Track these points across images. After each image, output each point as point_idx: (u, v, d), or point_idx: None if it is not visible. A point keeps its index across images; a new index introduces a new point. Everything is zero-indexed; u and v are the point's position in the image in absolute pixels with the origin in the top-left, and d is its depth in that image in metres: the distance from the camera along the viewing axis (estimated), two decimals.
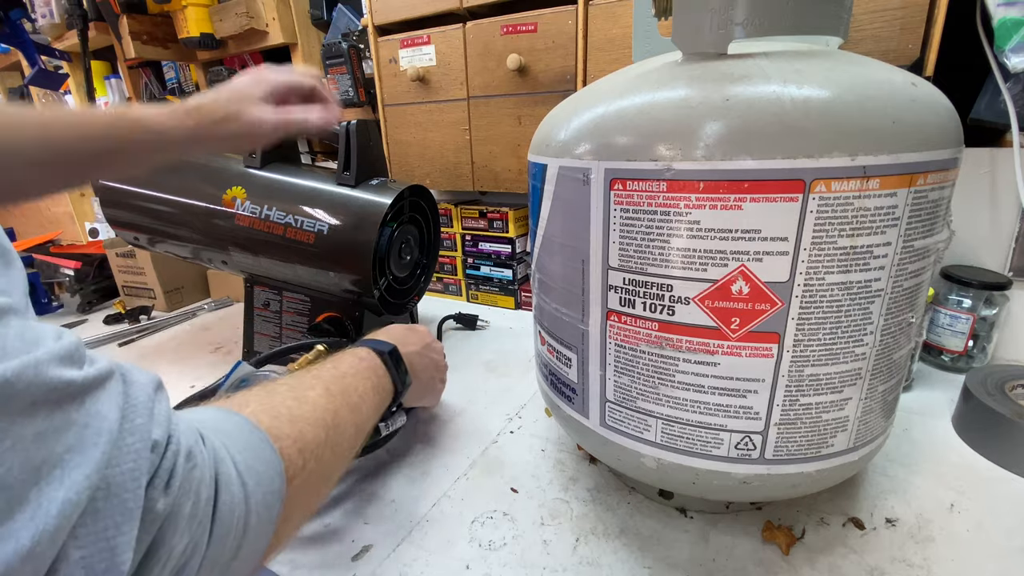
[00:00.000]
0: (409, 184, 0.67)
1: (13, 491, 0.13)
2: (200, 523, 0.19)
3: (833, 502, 0.43)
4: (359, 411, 0.35)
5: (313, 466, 0.27)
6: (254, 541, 0.23)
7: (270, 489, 0.24)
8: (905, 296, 0.32)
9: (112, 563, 0.16)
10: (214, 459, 0.21)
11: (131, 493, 0.16)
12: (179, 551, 0.18)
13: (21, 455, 0.14)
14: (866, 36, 0.52)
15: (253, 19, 1.00)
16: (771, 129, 0.27)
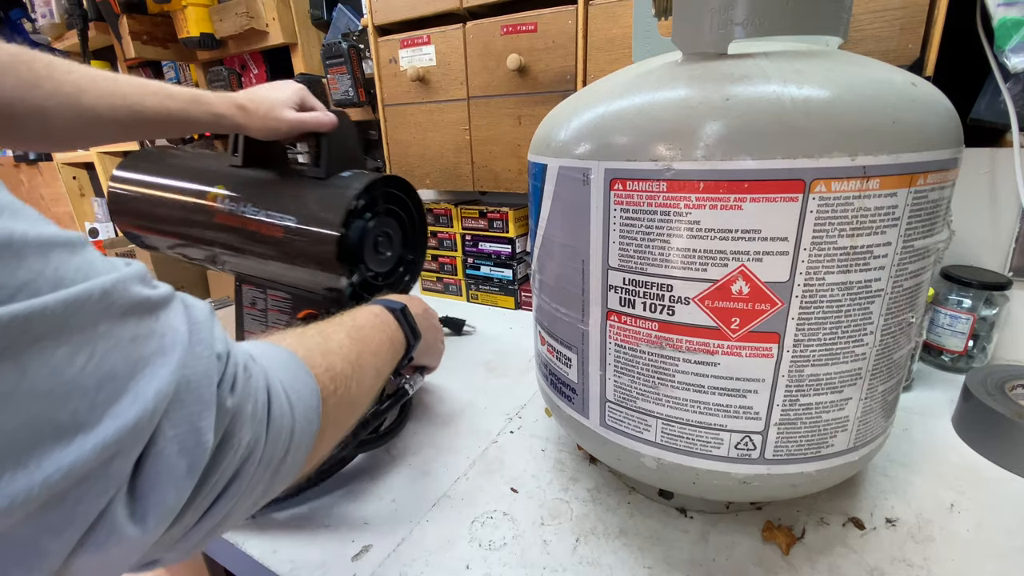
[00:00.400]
0: (383, 174, 0.67)
1: (117, 382, 0.17)
2: (259, 422, 0.23)
3: (833, 502, 0.43)
4: (378, 356, 0.39)
5: (342, 393, 0.32)
6: (297, 449, 0.26)
7: (309, 405, 0.27)
8: (905, 296, 0.32)
9: (198, 441, 0.19)
10: (265, 376, 0.24)
11: (206, 389, 0.20)
12: (245, 443, 0.22)
13: (122, 353, 0.17)
14: (866, 36, 0.52)
15: (253, 19, 1.00)
16: (771, 129, 0.27)
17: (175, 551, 0.22)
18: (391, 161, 0.91)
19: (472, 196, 1.02)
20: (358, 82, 0.93)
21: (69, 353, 0.15)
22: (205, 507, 0.21)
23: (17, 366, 0.14)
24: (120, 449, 0.16)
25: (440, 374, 0.69)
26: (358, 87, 0.93)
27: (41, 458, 0.15)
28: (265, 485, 0.25)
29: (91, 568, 0.17)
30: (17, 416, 0.14)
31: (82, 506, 0.16)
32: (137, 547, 0.18)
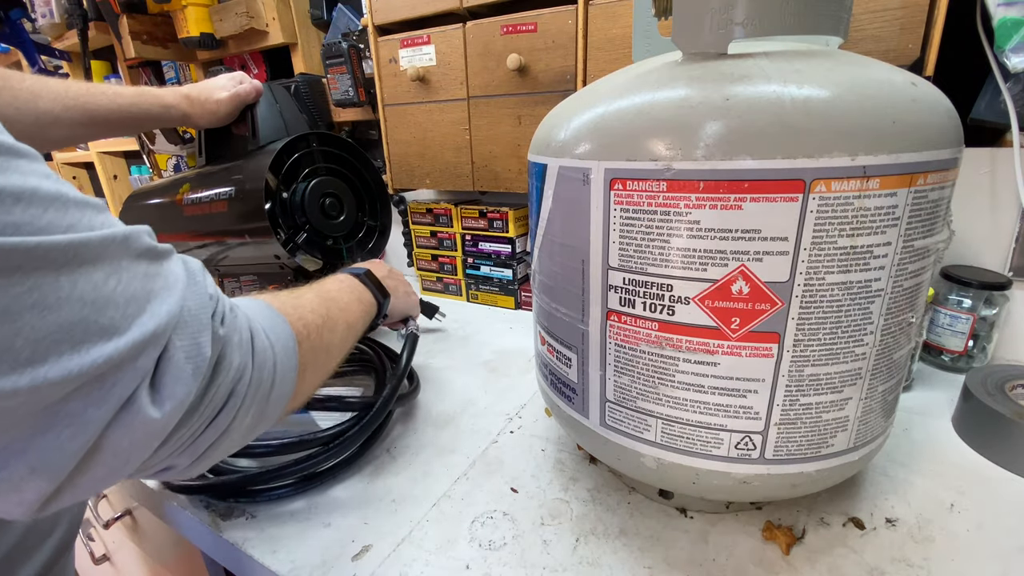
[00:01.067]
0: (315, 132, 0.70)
1: (139, 303, 0.22)
2: (245, 351, 0.27)
3: (833, 502, 0.43)
4: (347, 312, 0.44)
5: (315, 339, 0.36)
6: (282, 382, 0.31)
7: (286, 346, 0.32)
8: (905, 296, 0.32)
9: (199, 352, 0.24)
10: (247, 318, 0.29)
11: (203, 315, 0.25)
12: (235, 365, 0.26)
13: (140, 284, 0.22)
14: (866, 36, 0.52)
15: (253, 19, 1.00)
16: (771, 129, 0.27)
17: (186, 455, 0.26)
18: (391, 161, 0.91)
19: (472, 196, 1.02)
20: (358, 82, 0.93)
21: (104, 276, 0.21)
22: (209, 416, 0.26)
23: (71, 279, 0.20)
24: (144, 349, 0.22)
25: (440, 374, 0.69)
26: (358, 87, 0.93)
27: (91, 347, 0.20)
28: (258, 410, 0.29)
29: (121, 443, 0.22)
30: (73, 314, 0.19)
31: (117, 388, 0.21)
32: (157, 431, 0.23)
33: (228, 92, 0.69)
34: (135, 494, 0.54)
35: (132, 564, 0.81)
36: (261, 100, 0.71)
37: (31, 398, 0.19)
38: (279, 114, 0.72)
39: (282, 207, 0.65)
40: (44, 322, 0.19)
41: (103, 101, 0.59)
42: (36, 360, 0.18)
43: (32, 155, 0.21)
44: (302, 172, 0.68)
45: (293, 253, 0.66)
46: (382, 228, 0.79)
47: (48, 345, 0.19)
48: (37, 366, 0.18)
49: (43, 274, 0.19)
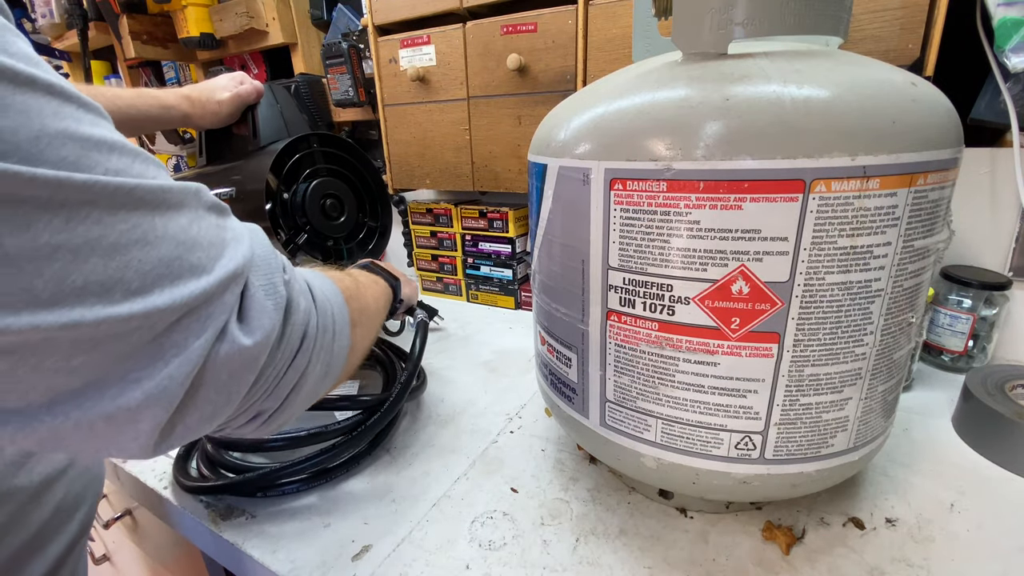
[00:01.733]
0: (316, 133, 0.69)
1: (218, 247, 0.24)
2: (308, 297, 0.30)
3: (833, 502, 0.43)
4: (371, 288, 0.46)
5: (357, 300, 0.38)
6: (341, 334, 0.33)
7: (339, 300, 0.34)
8: (905, 296, 0.32)
9: (276, 290, 0.26)
10: (300, 273, 0.31)
11: (273, 260, 0.27)
12: (303, 308, 0.29)
13: (216, 231, 0.24)
14: (866, 36, 0.52)
15: (253, 19, 1.00)
16: (771, 129, 0.27)
17: (272, 397, 0.28)
18: (391, 161, 0.91)
19: (472, 196, 1.02)
20: (358, 82, 0.93)
21: (188, 221, 0.23)
22: (290, 355, 0.28)
23: (163, 220, 0.22)
24: (228, 285, 0.24)
25: (441, 374, 0.69)
26: (358, 87, 0.93)
27: (187, 281, 0.22)
28: (326, 357, 0.31)
29: (221, 376, 0.24)
30: (169, 251, 0.21)
31: (212, 320, 0.23)
32: (250, 360, 0.25)
33: (229, 93, 0.69)
34: (135, 494, 0.54)
35: (132, 564, 0.81)
36: (262, 101, 0.71)
37: (144, 324, 0.20)
38: (280, 114, 0.72)
39: (283, 208, 0.65)
40: (148, 256, 0.21)
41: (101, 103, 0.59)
42: (145, 290, 0.20)
43: (109, 117, 0.23)
44: (303, 173, 0.68)
45: (294, 254, 0.66)
46: (382, 229, 0.79)
47: (154, 278, 0.21)
48: (147, 295, 0.20)
49: (142, 214, 0.21)
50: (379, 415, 0.49)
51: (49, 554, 0.37)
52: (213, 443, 0.49)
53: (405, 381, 0.51)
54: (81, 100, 0.20)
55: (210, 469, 0.49)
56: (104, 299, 0.19)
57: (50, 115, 0.19)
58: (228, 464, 0.48)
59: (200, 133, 0.78)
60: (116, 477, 0.55)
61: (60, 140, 0.19)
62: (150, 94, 0.64)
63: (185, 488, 0.48)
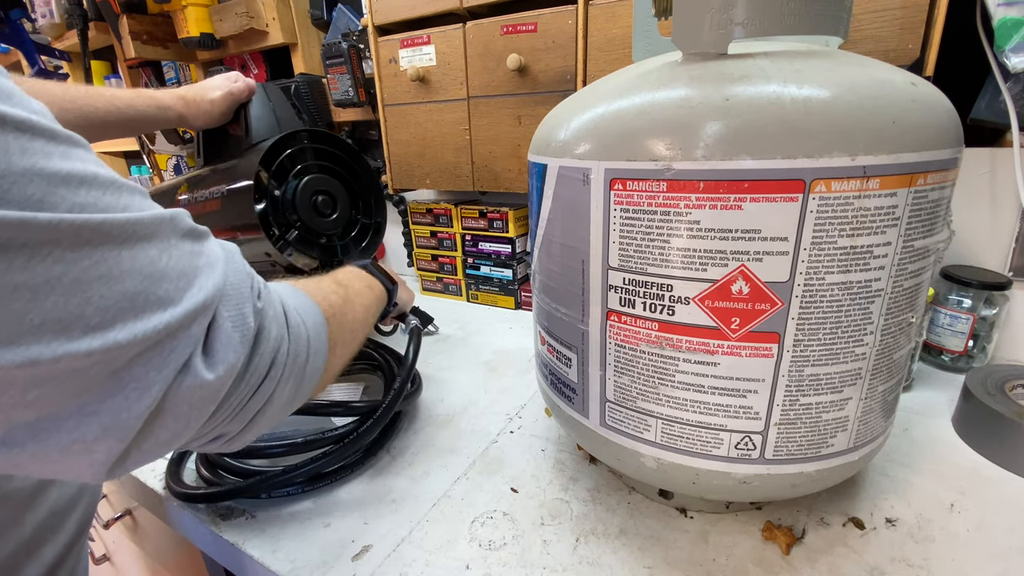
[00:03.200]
0: (306, 129, 0.69)
1: (188, 277, 0.24)
2: (281, 324, 0.29)
3: (833, 502, 0.43)
4: (362, 295, 0.46)
5: (339, 317, 0.38)
6: (316, 355, 0.33)
7: (316, 322, 0.34)
8: (905, 296, 0.32)
9: (244, 321, 0.26)
10: (279, 296, 0.31)
11: (245, 289, 0.27)
12: (274, 336, 0.28)
13: (188, 260, 0.24)
14: (866, 36, 0.52)
15: (253, 19, 1.00)
16: (771, 129, 0.27)
17: (236, 421, 0.28)
18: (391, 161, 0.91)
19: (472, 196, 1.02)
20: (358, 82, 0.93)
21: (157, 252, 0.23)
22: (255, 383, 0.27)
23: (131, 253, 0.21)
24: (196, 318, 0.23)
25: (440, 374, 0.69)
26: (358, 87, 0.93)
27: (151, 315, 0.22)
28: (296, 381, 0.31)
29: (181, 407, 0.24)
30: (134, 285, 0.21)
31: (175, 353, 0.23)
32: (212, 393, 0.25)
33: (222, 91, 0.69)
34: (135, 494, 0.54)
35: (132, 564, 0.81)
36: (254, 99, 0.71)
37: (103, 359, 0.20)
38: (272, 112, 0.72)
39: (273, 204, 0.65)
40: (111, 291, 0.20)
41: (100, 104, 0.60)
42: (105, 325, 0.20)
43: (86, 144, 0.22)
44: (295, 169, 0.68)
45: (283, 250, 0.66)
46: (377, 226, 0.79)
47: (115, 313, 0.20)
48: (107, 331, 0.20)
49: (108, 248, 0.21)
50: (370, 423, 0.49)
51: (45, 556, 0.37)
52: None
53: (398, 389, 0.51)
54: (51, 133, 0.20)
55: (209, 470, 0.49)
56: (62, 336, 0.19)
57: (16, 152, 0.19)
58: (227, 467, 0.48)
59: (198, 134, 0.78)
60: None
61: (27, 178, 0.19)
62: (147, 94, 0.64)
63: (176, 495, 0.47)
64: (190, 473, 0.50)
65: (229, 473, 0.47)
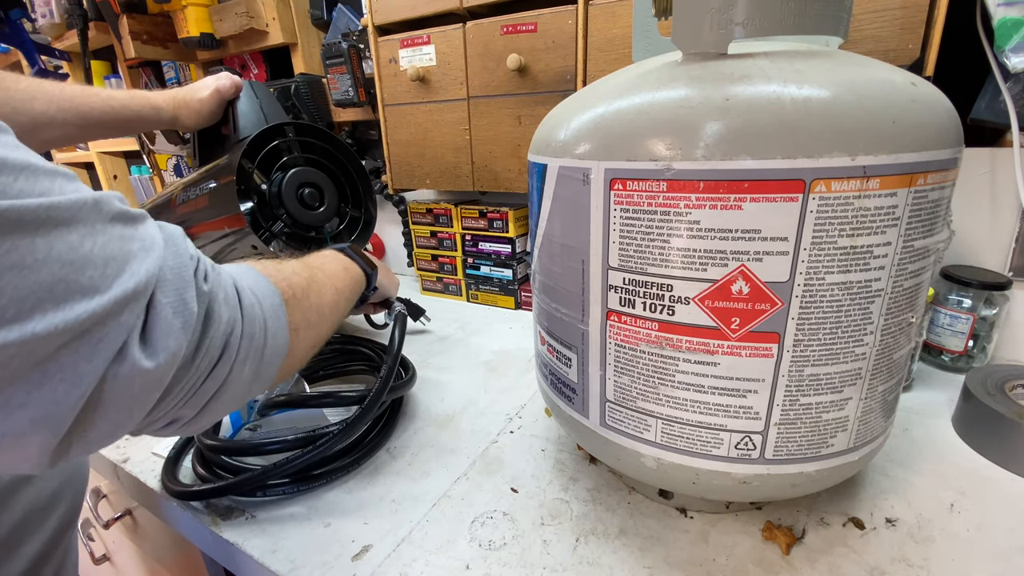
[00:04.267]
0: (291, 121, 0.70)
1: (117, 263, 0.23)
2: (233, 307, 0.29)
3: (833, 502, 0.43)
4: (335, 278, 0.45)
5: (302, 298, 0.37)
6: (275, 338, 0.32)
7: (273, 302, 0.33)
8: (905, 296, 0.32)
9: (185, 307, 0.25)
10: (231, 277, 0.30)
11: (186, 272, 0.26)
12: (225, 319, 0.28)
13: (116, 245, 0.23)
14: (866, 36, 0.52)
15: (253, 19, 1.00)
16: (771, 129, 0.27)
17: (189, 406, 0.27)
18: (391, 161, 0.91)
19: (472, 196, 1.02)
20: (358, 82, 0.93)
21: (79, 238, 0.22)
22: (207, 368, 0.27)
23: (46, 241, 0.20)
24: (127, 305, 0.23)
25: (440, 374, 0.69)
26: (358, 87, 0.93)
27: (74, 304, 0.21)
28: (254, 364, 0.30)
29: (121, 397, 0.23)
30: (52, 274, 0.20)
31: (104, 343, 0.22)
32: (153, 381, 0.24)
33: (210, 90, 0.70)
34: (135, 494, 0.54)
35: (132, 564, 0.81)
36: (241, 95, 0.72)
37: (22, 351, 0.20)
38: (259, 108, 0.72)
39: (261, 198, 0.65)
40: (25, 281, 0.20)
41: (96, 103, 0.60)
42: (22, 317, 0.19)
43: (3, 128, 0.21)
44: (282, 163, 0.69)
45: (268, 242, 0.66)
46: (367, 219, 0.79)
47: (32, 303, 0.20)
48: (24, 322, 0.19)
49: (19, 237, 0.19)
50: (361, 411, 0.48)
51: (25, 553, 0.37)
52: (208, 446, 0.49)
53: (385, 375, 0.50)
54: None
55: (205, 468, 0.49)
56: None
57: None
58: (223, 465, 0.48)
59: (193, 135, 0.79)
60: (116, 477, 0.55)
61: None
62: (142, 95, 0.65)
63: (171, 492, 0.47)
64: (189, 473, 0.50)
65: (225, 471, 0.47)
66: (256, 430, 0.55)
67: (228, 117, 0.73)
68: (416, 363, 0.68)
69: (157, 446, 0.55)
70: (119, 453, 0.55)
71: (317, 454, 0.45)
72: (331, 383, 0.69)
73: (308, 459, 0.45)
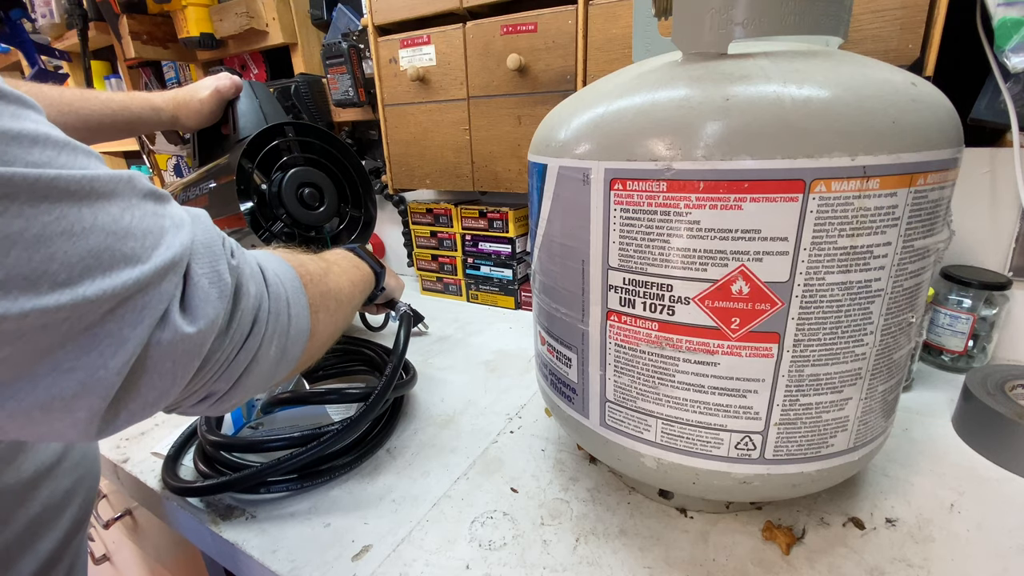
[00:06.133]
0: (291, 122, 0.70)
1: (154, 236, 0.24)
2: (259, 283, 0.30)
3: (833, 502, 0.43)
4: (348, 272, 0.47)
5: (320, 284, 0.38)
6: (298, 319, 0.33)
7: (294, 284, 0.34)
8: (905, 296, 0.32)
9: (220, 277, 0.26)
10: (254, 257, 0.31)
11: (217, 247, 0.27)
12: (253, 294, 0.29)
13: (151, 220, 0.24)
14: (866, 36, 0.52)
15: (253, 19, 1.00)
16: (771, 129, 0.27)
17: (223, 379, 0.28)
18: (391, 161, 0.91)
19: (472, 196, 1.02)
20: (358, 82, 0.93)
21: (119, 211, 0.23)
22: (239, 340, 0.28)
23: (92, 211, 0.21)
24: (166, 274, 0.24)
25: (440, 374, 0.69)
26: (358, 87, 0.93)
27: (119, 271, 0.22)
28: (280, 342, 0.31)
29: (165, 363, 0.24)
30: (98, 242, 0.21)
31: (148, 309, 0.23)
32: (195, 347, 0.25)
33: (210, 90, 0.70)
34: (135, 494, 0.54)
35: (132, 564, 0.81)
36: (241, 95, 0.72)
37: (73, 315, 0.20)
38: (259, 108, 0.73)
39: (260, 198, 0.66)
40: (75, 248, 0.20)
41: (96, 106, 0.61)
42: (72, 281, 0.20)
43: (38, 107, 0.22)
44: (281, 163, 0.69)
45: (268, 242, 0.67)
46: (367, 219, 0.79)
47: (81, 269, 0.21)
48: (75, 286, 0.20)
49: (67, 205, 0.20)
50: (364, 410, 0.48)
51: (40, 550, 0.37)
52: (209, 442, 0.49)
53: (389, 375, 0.50)
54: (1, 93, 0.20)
55: (207, 465, 0.49)
56: (29, 291, 0.19)
57: None
58: (224, 462, 0.48)
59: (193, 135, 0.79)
60: (116, 477, 0.55)
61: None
62: (142, 96, 0.66)
63: (171, 489, 0.47)
64: (190, 472, 0.50)
65: (227, 468, 0.47)
66: (258, 428, 0.55)
67: (228, 117, 0.73)
68: (416, 363, 0.68)
69: (157, 446, 0.55)
70: (119, 453, 0.55)
71: (319, 451, 0.45)
72: (332, 383, 0.69)
73: (309, 456, 0.45)
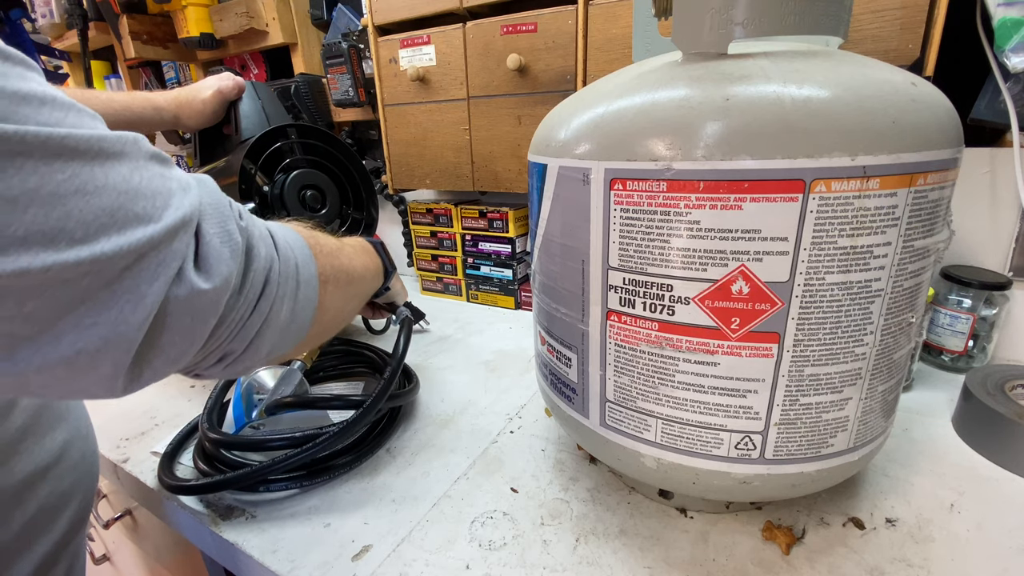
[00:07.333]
0: (293, 123, 0.70)
1: (164, 196, 0.24)
2: (268, 245, 0.30)
3: (833, 502, 0.43)
4: (360, 255, 0.47)
5: (331, 257, 0.38)
6: (307, 286, 0.33)
7: (304, 252, 0.34)
8: (905, 296, 0.32)
9: (231, 237, 0.27)
10: (262, 221, 0.32)
11: (225, 208, 0.27)
12: (264, 255, 0.29)
13: (160, 181, 0.24)
14: (866, 36, 0.52)
15: (253, 19, 1.00)
16: (771, 129, 0.27)
17: (238, 339, 0.29)
18: (391, 161, 0.91)
19: (472, 196, 1.02)
20: (358, 82, 0.93)
21: (129, 171, 0.23)
22: (253, 299, 0.28)
23: (103, 170, 0.22)
24: (177, 233, 0.24)
25: (440, 374, 0.69)
26: (358, 87, 0.93)
27: (133, 229, 0.22)
28: (290, 306, 0.32)
29: (184, 320, 0.25)
30: (111, 201, 0.22)
31: (163, 266, 0.23)
32: (211, 303, 0.26)
33: (212, 90, 0.70)
34: (135, 494, 0.54)
35: (132, 564, 0.81)
36: (244, 96, 0.72)
37: (92, 270, 0.21)
38: (261, 109, 0.73)
39: (262, 199, 0.66)
40: (89, 206, 0.21)
41: (97, 106, 0.61)
42: (89, 238, 0.21)
43: (39, 70, 0.22)
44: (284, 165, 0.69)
45: None
46: (369, 221, 0.79)
47: (97, 227, 0.21)
48: (92, 243, 0.21)
49: (79, 164, 0.21)
50: (361, 412, 0.48)
51: (36, 552, 0.37)
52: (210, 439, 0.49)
53: (387, 378, 0.50)
54: (5, 54, 0.20)
55: (206, 463, 0.49)
56: (49, 248, 0.20)
57: None
58: (224, 460, 0.48)
59: (194, 135, 0.79)
60: (116, 477, 0.55)
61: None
62: (143, 96, 0.66)
63: (168, 487, 0.47)
64: (189, 471, 0.50)
65: (226, 466, 0.47)
66: (259, 428, 0.55)
67: (230, 118, 0.73)
68: (416, 363, 0.68)
69: (156, 445, 0.55)
70: (119, 453, 0.55)
71: (317, 450, 0.45)
72: (334, 384, 0.69)
73: (308, 455, 0.45)
